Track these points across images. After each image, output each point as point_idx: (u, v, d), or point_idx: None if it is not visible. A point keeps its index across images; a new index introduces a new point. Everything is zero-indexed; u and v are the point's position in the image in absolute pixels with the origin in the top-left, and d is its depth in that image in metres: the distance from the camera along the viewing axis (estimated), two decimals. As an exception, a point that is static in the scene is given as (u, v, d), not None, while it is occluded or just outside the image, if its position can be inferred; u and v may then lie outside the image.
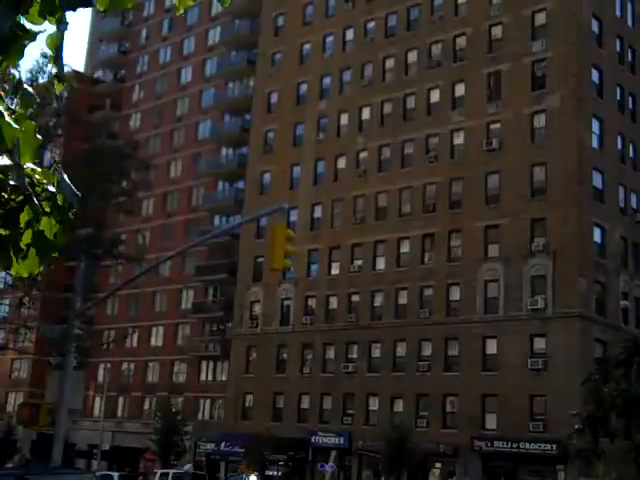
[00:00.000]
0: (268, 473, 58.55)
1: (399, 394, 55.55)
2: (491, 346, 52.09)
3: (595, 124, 53.82)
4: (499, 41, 57.02)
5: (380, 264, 59.16)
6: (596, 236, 52.35)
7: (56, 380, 29.48)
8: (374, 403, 57.04)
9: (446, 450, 52.02)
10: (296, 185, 65.96)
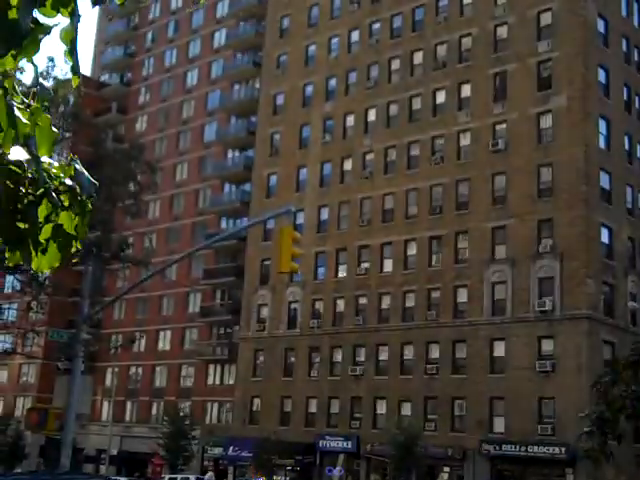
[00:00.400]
0: (276, 477, 58.38)
1: (407, 397, 55.33)
2: (499, 348, 51.83)
3: (602, 124, 53.50)
4: (504, 41, 56.77)
5: (387, 266, 58.96)
6: (604, 237, 52.02)
7: (64, 385, 29.43)
8: (382, 406, 56.81)
9: (454, 454, 51.77)
10: (302, 187, 65.81)
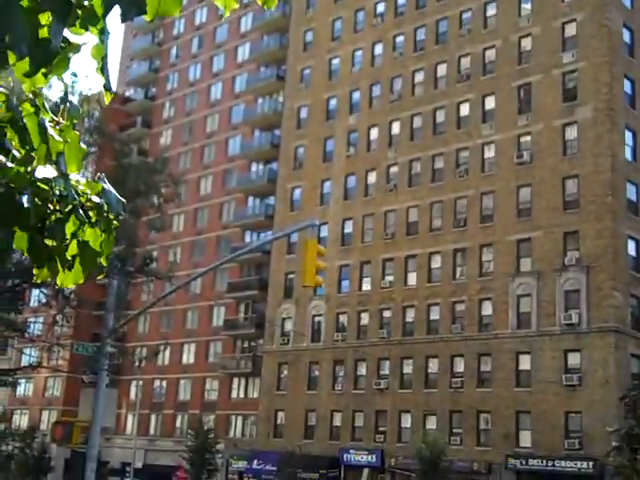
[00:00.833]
0: (300, 491, 58.21)
1: (431, 411, 54.99)
2: (524, 362, 51.38)
3: (628, 135, 53.03)
4: (529, 53, 56.49)
5: (411, 279, 58.71)
6: (630, 249, 51.49)
7: (89, 398, 29.53)
8: (406, 420, 56.49)
9: (480, 468, 51.33)
10: (326, 200, 65.77)
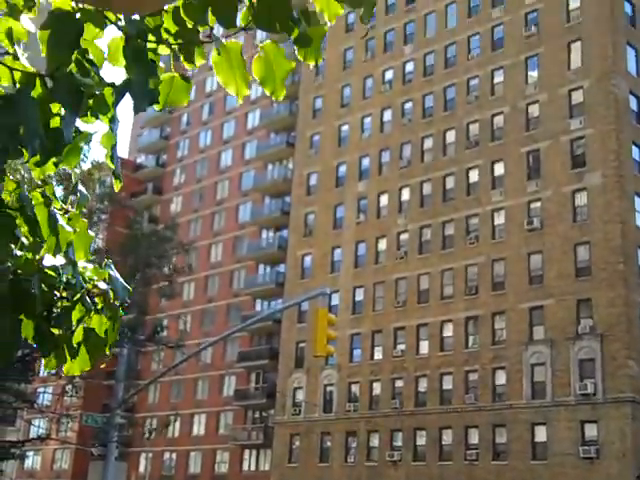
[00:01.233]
0: None
1: (446, 483, 53.84)
2: (540, 433, 50.41)
3: (638, 202, 52.87)
4: (536, 119, 56.78)
5: (423, 348, 58.10)
6: (645, 316, 50.89)
7: (98, 471, 28.87)
8: (420, 493, 55.31)
9: (497, 542, 50.03)
10: (337, 268, 65.56)
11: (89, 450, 64.53)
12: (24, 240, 2.80)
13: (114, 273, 3.06)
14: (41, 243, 2.79)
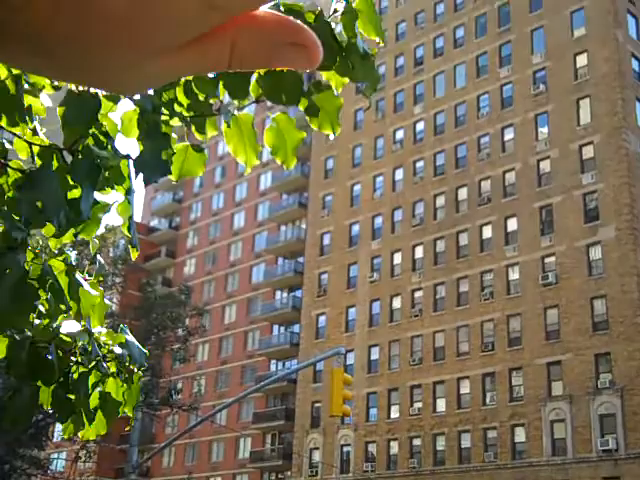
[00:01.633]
0: None
1: None
2: (562, 491, 49.58)
3: (653, 254, 52.71)
4: (548, 175, 57.00)
5: (440, 406, 57.54)
6: (664, 370, 50.33)
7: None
8: None
9: None
10: (352, 327, 65.35)
11: (105, 516, 63.86)
12: (41, 308, 2.82)
13: (130, 337, 3.09)
14: (65, 311, 2.82)
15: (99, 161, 2.62)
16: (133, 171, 2.77)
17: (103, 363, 3.00)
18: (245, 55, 0.66)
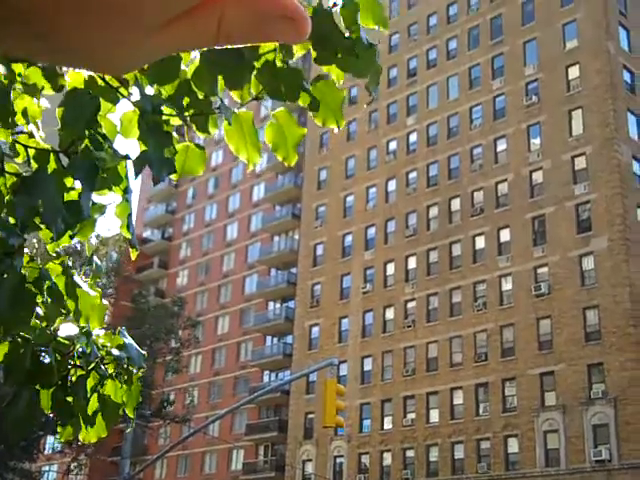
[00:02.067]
0: None
1: None
2: (556, 502, 49.55)
3: (645, 265, 52.86)
4: (540, 185, 57.16)
5: (434, 417, 57.48)
6: (657, 380, 50.39)
7: None
8: None
9: None
10: (345, 338, 65.30)
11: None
12: (38, 310, 2.81)
13: (128, 340, 3.07)
14: (63, 312, 2.81)
15: (97, 162, 2.61)
16: (132, 171, 2.76)
17: (101, 365, 2.98)
18: (233, 29, 0.65)
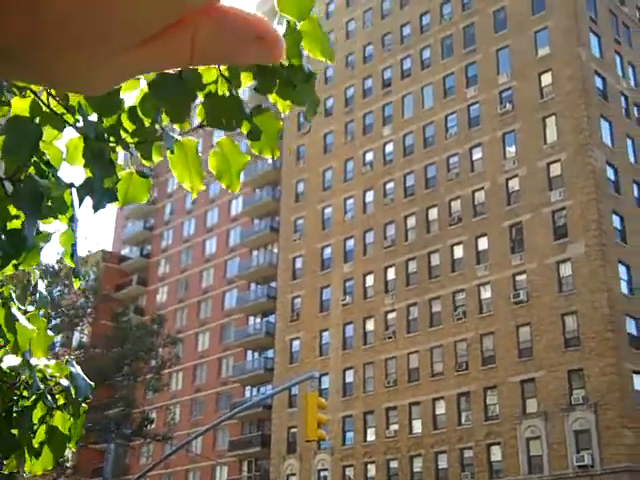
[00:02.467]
0: None
1: None
2: (540, 509, 49.60)
3: (622, 269, 53.19)
4: (517, 193, 57.42)
5: (416, 427, 57.43)
6: (636, 384, 50.58)
7: None
8: None
9: None
10: (326, 351, 65.20)
11: None
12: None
13: (75, 369, 3.01)
14: (2, 345, 2.77)
15: (42, 190, 2.57)
16: (77, 200, 2.72)
17: (47, 396, 2.92)
18: (207, 50, 0.64)
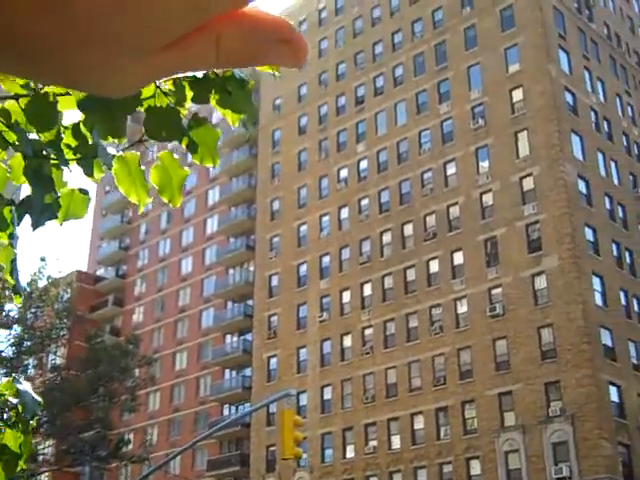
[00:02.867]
0: None
1: None
2: (520, 522, 49.61)
3: (596, 281, 53.59)
4: (491, 207, 57.76)
5: (395, 443, 57.36)
6: (613, 395, 50.92)
7: None
8: None
9: None
10: (303, 368, 65.06)
11: None
12: None
13: (22, 386, 3.01)
14: None
15: None
16: (21, 218, 2.72)
17: None
18: (232, 52, 0.65)
